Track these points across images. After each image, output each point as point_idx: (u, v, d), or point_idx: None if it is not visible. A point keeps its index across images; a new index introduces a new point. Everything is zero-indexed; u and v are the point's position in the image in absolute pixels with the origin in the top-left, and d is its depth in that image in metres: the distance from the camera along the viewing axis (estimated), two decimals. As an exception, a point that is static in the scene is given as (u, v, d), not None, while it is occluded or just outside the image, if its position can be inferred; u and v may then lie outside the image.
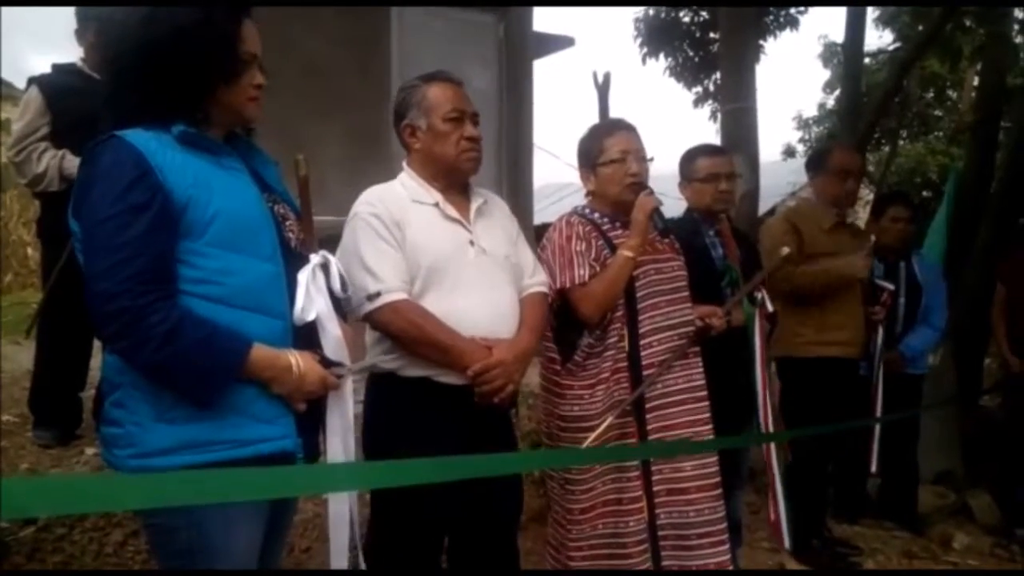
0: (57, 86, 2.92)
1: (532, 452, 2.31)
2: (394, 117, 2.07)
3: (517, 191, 5.27)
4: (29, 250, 8.04)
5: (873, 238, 3.25)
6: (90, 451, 2.73)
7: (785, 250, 2.75)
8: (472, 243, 1.98)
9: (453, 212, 2.00)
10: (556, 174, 14.21)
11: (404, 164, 2.10)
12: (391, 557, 1.94)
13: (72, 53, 3.05)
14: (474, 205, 2.05)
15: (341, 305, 1.60)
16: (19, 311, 5.78)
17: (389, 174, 2.11)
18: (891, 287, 3.41)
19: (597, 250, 2.31)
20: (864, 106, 6.46)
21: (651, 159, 2.41)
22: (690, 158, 2.91)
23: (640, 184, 2.35)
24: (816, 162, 3.42)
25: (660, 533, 2.32)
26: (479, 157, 2.03)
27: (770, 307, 2.72)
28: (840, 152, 3.42)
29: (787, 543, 2.71)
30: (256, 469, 1.26)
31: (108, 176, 1.34)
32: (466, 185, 2.09)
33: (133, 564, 2.34)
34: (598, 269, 2.28)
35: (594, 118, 10.26)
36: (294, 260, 1.51)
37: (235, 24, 1.46)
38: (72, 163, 2.82)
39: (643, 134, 2.43)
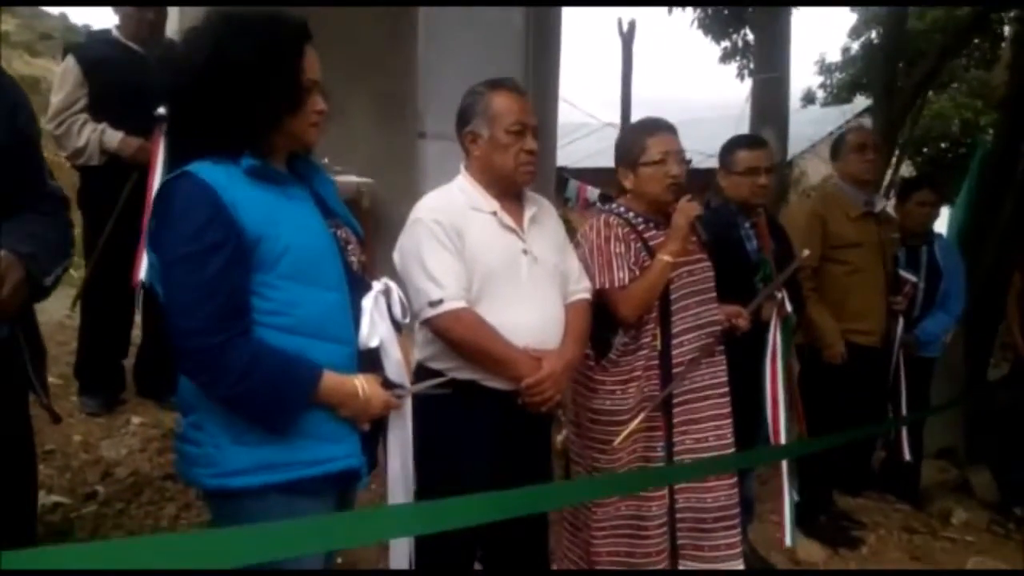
0: (93, 56, 2.90)
1: (576, 482, 2.39)
2: (457, 122, 2.11)
3: (541, 137, 5.21)
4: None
5: (897, 235, 3.29)
6: (136, 420, 2.85)
7: (806, 252, 2.80)
8: (525, 252, 2.04)
9: (510, 222, 2.05)
10: (567, 114, 13.93)
11: (462, 168, 2.15)
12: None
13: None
14: (528, 213, 2.10)
15: (399, 327, 1.67)
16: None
17: (412, 137, 2.12)
18: (914, 279, 3.45)
19: (635, 253, 2.35)
20: (899, 67, 6.29)
21: (690, 161, 2.43)
22: (729, 149, 2.90)
23: (680, 186, 2.37)
24: (836, 148, 3.48)
25: (678, 516, 2.45)
26: (535, 171, 2.08)
27: (788, 307, 2.77)
28: (852, 132, 3.65)
29: (788, 540, 2.79)
30: (318, 518, 1.34)
31: (183, 214, 1.38)
32: (520, 191, 2.13)
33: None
34: (637, 272, 2.34)
35: (617, 67, 10.07)
36: (356, 285, 1.57)
37: (298, 54, 1.47)
38: (112, 137, 2.83)
39: (669, 87, 2.44)
